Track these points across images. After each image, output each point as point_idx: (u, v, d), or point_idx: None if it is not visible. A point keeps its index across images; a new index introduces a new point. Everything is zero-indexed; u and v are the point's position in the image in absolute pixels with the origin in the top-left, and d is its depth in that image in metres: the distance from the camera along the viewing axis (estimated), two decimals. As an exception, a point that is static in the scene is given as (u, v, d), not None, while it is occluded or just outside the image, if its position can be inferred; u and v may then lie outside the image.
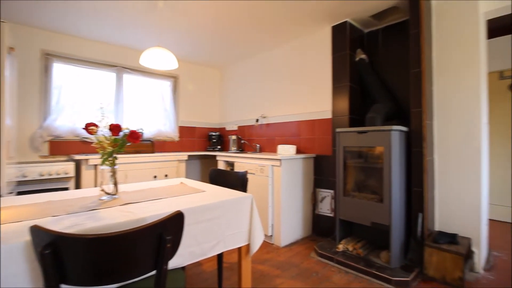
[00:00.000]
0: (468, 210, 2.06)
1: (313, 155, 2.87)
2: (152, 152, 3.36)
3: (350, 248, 2.17)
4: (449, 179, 2.15)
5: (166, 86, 3.80)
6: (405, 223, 2.08)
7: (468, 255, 1.98)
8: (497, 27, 3.15)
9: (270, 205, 2.56)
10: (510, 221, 3.13)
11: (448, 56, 2.19)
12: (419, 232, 2.00)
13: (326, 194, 2.72)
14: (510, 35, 3.13)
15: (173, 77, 3.86)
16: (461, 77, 2.12)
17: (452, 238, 1.94)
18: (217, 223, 1.25)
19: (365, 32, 2.77)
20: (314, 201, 2.84)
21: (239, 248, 1.38)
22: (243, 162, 2.88)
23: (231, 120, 4.11)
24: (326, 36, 2.78)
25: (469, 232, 2.05)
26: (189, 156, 3.47)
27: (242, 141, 3.80)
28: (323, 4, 2.32)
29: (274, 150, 3.34)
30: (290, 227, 2.61)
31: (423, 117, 2.05)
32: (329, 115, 2.74)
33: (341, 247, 2.21)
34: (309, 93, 2.98)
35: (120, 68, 3.33)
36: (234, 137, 3.75)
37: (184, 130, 3.93)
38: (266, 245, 2.55)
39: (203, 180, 3.88)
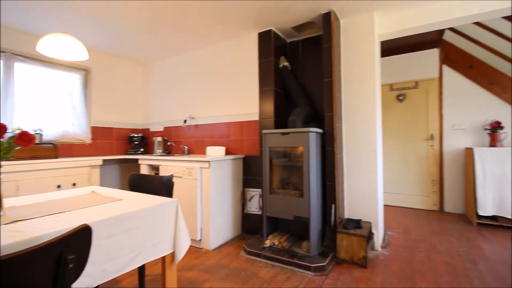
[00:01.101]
0: (368, 198, 2.46)
1: (242, 156, 2.93)
2: (55, 157, 2.84)
3: (276, 242, 2.30)
4: (355, 173, 2.53)
5: (74, 79, 3.27)
6: (321, 214, 2.34)
7: (370, 237, 2.37)
8: (388, 48, 3.88)
9: (199, 208, 2.50)
10: (399, 205, 3.89)
11: (353, 69, 2.57)
12: (332, 221, 2.29)
13: (255, 193, 2.82)
14: (397, 55, 3.90)
15: (84, 70, 3.35)
16: (362, 88, 2.52)
17: (357, 224, 2.28)
18: (135, 233, 1.14)
19: (287, 42, 3.00)
20: (243, 200, 2.91)
21: (163, 258, 1.29)
22: (169, 165, 2.72)
23: (157, 120, 3.84)
24: (254, 41, 2.89)
25: (370, 217, 2.45)
26: (104, 161, 3.07)
27: (169, 143, 3.59)
28: (250, 10, 2.40)
29: (203, 152, 3.27)
30: (219, 229, 2.60)
31: (334, 121, 2.35)
32: (256, 117, 2.85)
33: (268, 242, 2.33)
34: (238, 95, 3.04)
35: (9, 54, 2.70)
36: (159, 138, 3.51)
37: (98, 131, 3.46)
38: (195, 250, 2.47)
39: (123, 187, 3.50)
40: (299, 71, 2.88)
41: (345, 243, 2.15)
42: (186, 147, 3.40)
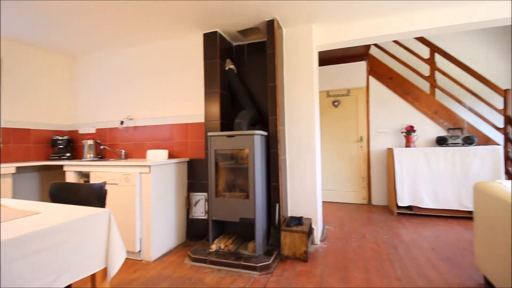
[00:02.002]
0: (309, 196, 2.63)
1: (187, 159, 2.83)
2: None
3: (222, 246, 2.28)
4: (296, 173, 2.68)
5: (-25, 71, 2.70)
6: (266, 214, 2.41)
7: (310, 232, 2.53)
8: (326, 58, 4.25)
9: (138, 217, 2.31)
10: (336, 201, 4.27)
11: (294, 75, 2.73)
12: (277, 219, 2.38)
13: (200, 197, 2.75)
14: (333, 65, 4.29)
15: (-11, 60, 2.78)
16: (302, 93, 2.69)
17: (299, 221, 2.42)
18: (57, 251, 0.99)
19: (233, 45, 3.02)
20: (188, 206, 2.80)
21: (93, 275, 1.15)
22: (102, 172, 2.46)
23: (87, 121, 3.42)
24: (199, 42, 2.83)
25: (310, 214, 2.63)
26: (18, 168, 2.60)
27: (102, 147, 3.24)
28: (195, 10, 2.34)
29: (143, 156, 3.05)
30: (162, 237, 2.45)
31: (277, 124, 2.45)
32: (202, 119, 2.79)
33: (214, 247, 2.29)
34: (182, 96, 2.92)
35: None
36: (90, 141, 3.14)
37: (10, 133, 2.91)
38: (134, 263, 2.28)
39: (44, 199, 3.02)
40: (245, 75, 2.92)
41: (288, 240, 2.25)
42: (123, 151, 3.12)
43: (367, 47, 4.01)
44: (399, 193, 3.47)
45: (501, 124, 3.60)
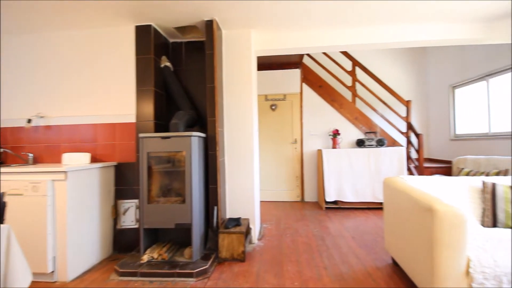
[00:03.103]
0: (246, 196, 2.69)
1: (114, 163, 2.56)
2: None
3: (156, 256, 2.14)
4: (235, 175, 2.71)
5: None
6: (204, 218, 2.36)
7: (248, 232, 2.59)
8: (265, 63, 4.41)
9: (50, 232, 1.97)
10: (273, 200, 4.46)
11: (233, 77, 2.75)
12: (215, 222, 2.35)
13: (130, 205, 2.52)
14: (271, 70, 4.49)
15: None
16: (241, 95, 2.74)
17: (237, 222, 2.44)
18: None
19: (170, 42, 2.87)
20: (115, 215, 2.53)
21: (-19, 310, 0.93)
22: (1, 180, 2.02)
23: (-20, 118, 2.77)
24: (130, 34, 2.59)
25: (248, 214, 2.69)
26: None
27: (2, 150, 2.66)
28: (122, -2, 2.13)
29: (58, 161, 2.63)
30: (82, 253, 2.15)
31: (216, 125, 2.43)
32: (133, 119, 2.56)
33: (145, 257, 2.12)
34: (109, 93, 2.63)
35: None
36: (-15, 143, 2.55)
37: None
38: (45, 286, 1.93)
39: None
40: (183, 74, 2.81)
41: (226, 242, 2.25)
42: (30, 155, 2.62)
43: (301, 56, 4.34)
44: (327, 190, 3.85)
45: (404, 129, 4.35)
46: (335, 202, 3.93)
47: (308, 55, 4.56)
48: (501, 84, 3.66)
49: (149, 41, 2.53)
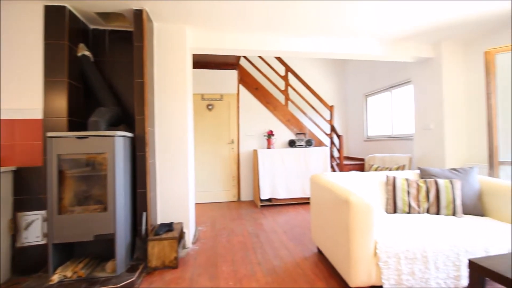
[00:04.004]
0: (180, 200, 2.57)
1: (12, 168, 2.10)
2: None
3: (69, 274, 1.84)
4: (167, 177, 2.56)
5: None
6: (131, 226, 2.16)
7: (181, 237, 2.48)
8: (202, 62, 4.30)
9: None
10: (209, 202, 4.39)
11: (166, 73, 2.60)
12: (143, 230, 2.17)
13: (35, 217, 2.11)
14: (209, 69, 4.40)
15: None
16: (174, 94, 2.61)
17: (169, 227, 2.31)
18: None
19: (90, 28, 2.53)
20: (14, 231, 2.08)
21: None
22: None
23: None
24: (36, 15, 2.17)
25: (182, 218, 2.57)
26: None
27: None
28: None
29: None
30: (-36, 281, 1.70)
31: (145, 124, 2.25)
32: (39, 115, 2.16)
33: (56, 277, 1.81)
34: (6, 82, 2.15)
35: None
36: None
37: None
38: None
39: None
40: (107, 66, 2.52)
41: (157, 250, 2.11)
42: None
43: (238, 57, 4.40)
44: (262, 188, 4.00)
45: (328, 131, 4.86)
46: (269, 200, 4.12)
47: (245, 57, 4.66)
48: (401, 94, 4.46)
49: (62, 24, 2.17)
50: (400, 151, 4.29)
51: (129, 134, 2.18)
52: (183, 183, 2.59)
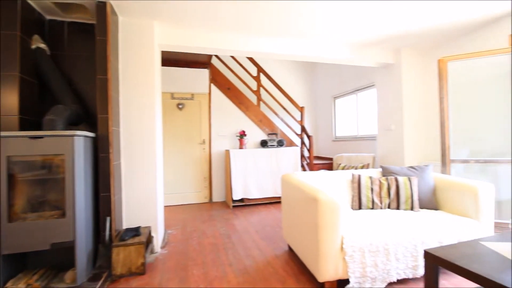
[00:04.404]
0: (148, 202, 2.47)
1: (-50, 171, 1.86)
2: None
3: (23, 287, 1.68)
4: (134, 180, 2.44)
5: None
6: (93, 232, 2.02)
7: (149, 241, 2.38)
8: (172, 59, 4.17)
9: None
10: (180, 204, 4.27)
11: (132, 70, 2.48)
12: (107, 236, 2.05)
13: (-21, 226, 1.89)
14: (179, 68, 4.28)
15: None
16: (142, 91, 2.49)
17: (136, 231, 2.21)
18: None
19: (46, 19, 2.32)
20: (-47, 241, 1.84)
21: None
22: None
23: None
24: (-24, -2, 1.94)
25: (150, 221, 2.47)
26: None
27: None
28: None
29: None
30: None
31: (109, 124, 2.12)
32: (-17, 112, 1.94)
33: (4, 292, 1.64)
34: None
35: None
36: None
37: None
38: None
39: None
40: (65, 60, 2.33)
41: (122, 256, 2.00)
42: None
43: (210, 56, 4.34)
44: (234, 189, 3.99)
45: (299, 131, 4.98)
46: (241, 200, 4.11)
47: (217, 56, 4.61)
48: (366, 97, 4.72)
49: (13, 13, 1.97)
50: (365, 151, 4.54)
51: (91, 134, 2.04)
52: (151, 185, 2.49)
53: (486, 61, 2.69)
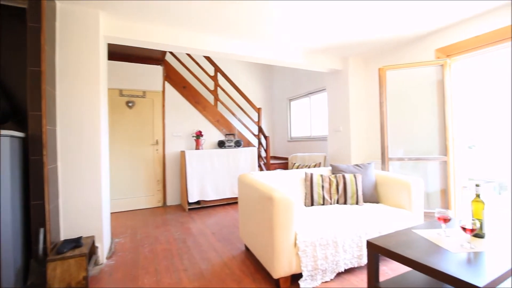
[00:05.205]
0: (91, 210, 2.24)
1: None
2: None
3: None
4: (73, 185, 2.19)
5: None
6: (23, 246, 1.76)
7: (93, 252, 2.17)
8: (120, 53, 3.85)
9: None
10: (129, 210, 3.97)
11: (72, 63, 2.22)
12: (41, 249, 1.80)
13: None
14: (129, 63, 3.98)
15: None
16: (84, 88, 2.26)
17: (77, 243, 1.98)
18: None
19: (-43, -5, 1.95)
20: None
21: None
22: None
23: None
24: None
25: (92, 231, 2.24)
26: None
27: None
28: None
29: None
30: None
31: (43, 122, 1.87)
32: None
33: None
34: None
35: None
36: None
37: None
38: None
39: None
40: (-18, 47, 1.98)
41: (60, 271, 1.78)
42: None
43: (164, 53, 4.13)
44: (190, 191, 3.86)
45: (256, 132, 5.05)
46: (198, 202, 4.00)
47: (172, 53, 4.41)
48: (318, 100, 5.00)
49: None
50: (317, 151, 4.81)
51: (19, 134, 1.77)
52: (95, 190, 2.26)
53: (418, 71, 3.08)
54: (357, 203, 2.44)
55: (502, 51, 2.54)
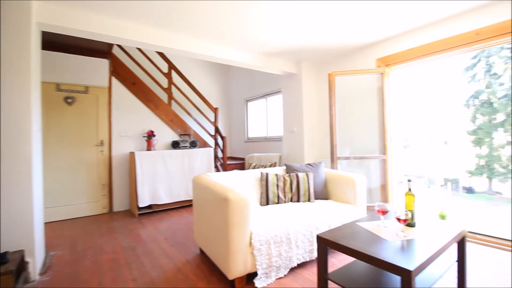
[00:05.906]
0: (19, 221, 1.94)
1: None
2: None
3: None
4: (-5, 192, 1.88)
5: None
6: None
7: (22, 268, 1.88)
8: (57, 43, 3.41)
9: None
10: (67, 218, 3.54)
11: (-9, 50, 1.90)
12: None
13: None
14: (68, 54, 3.55)
15: None
16: (10, 80, 1.95)
17: (2, 258, 1.70)
18: None
19: None
20: None
21: None
22: None
23: None
24: None
25: (22, 244, 1.95)
26: None
27: None
28: None
29: None
30: None
31: (-49, 118, 1.56)
32: None
33: None
34: None
35: None
36: None
37: None
38: None
39: None
40: None
41: (-26, 295, 1.50)
42: None
43: (110, 45, 3.80)
44: (140, 195, 3.62)
45: (213, 132, 4.97)
46: (149, 207, 3.77)
47: (120, 46, 4.08)
48: (274, 101, 5.14)
49: None
50: (273, 151, 4.94)
51: None
52: (25, 198, 1.97)
53: (362, 78, 3.37)
54: (309, 200, 2.56)
55: (433, 62, 2.93)
